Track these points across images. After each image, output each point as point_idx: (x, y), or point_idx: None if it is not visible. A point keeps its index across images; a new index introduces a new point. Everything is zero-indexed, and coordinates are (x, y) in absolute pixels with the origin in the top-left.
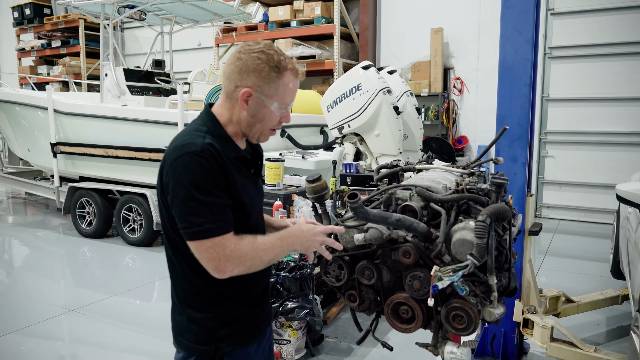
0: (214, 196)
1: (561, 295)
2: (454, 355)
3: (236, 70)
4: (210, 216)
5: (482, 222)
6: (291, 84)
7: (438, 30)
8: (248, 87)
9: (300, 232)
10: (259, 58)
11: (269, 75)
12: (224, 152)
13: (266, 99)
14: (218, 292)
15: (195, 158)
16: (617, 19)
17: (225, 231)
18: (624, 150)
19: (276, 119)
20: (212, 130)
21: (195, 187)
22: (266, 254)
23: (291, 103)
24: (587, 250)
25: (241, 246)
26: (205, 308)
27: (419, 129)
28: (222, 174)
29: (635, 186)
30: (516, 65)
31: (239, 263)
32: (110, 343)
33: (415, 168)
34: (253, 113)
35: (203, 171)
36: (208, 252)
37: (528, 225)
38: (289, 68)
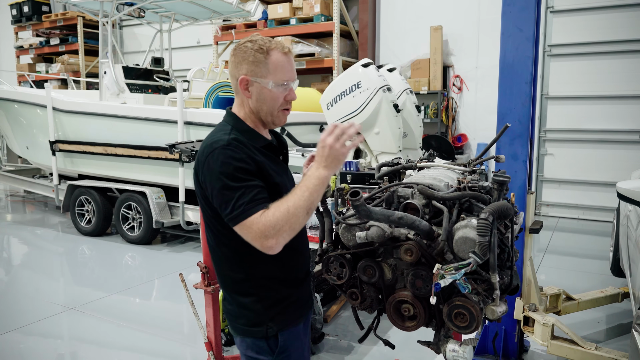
0: (245, 180)
1: (561, 293)
2: (456, 353)
3: (233, 66)
4: (244, 198)
5: (485, 220)
6: (281, 61)
7: (437, 28)
8: (243, 75)
9: (317, 163)
10: (245, 46)
11: (256, 58)
12: (250, 143)
13: (261, 80)
14: (262, 275)
15: (223, 151)
16: (616, 17)
17: (256, 210)
18: (623, 148)
19: (280, 97)
20: (236, 126)
21: (227, 176)
22: (298, 207)
23: (290, 80)
24: (587, 248)
25: (269, 217)
26: (252, 292)
27: (418, 126)
28: (251, 161)
29: (635, 184)
30: (517, 63)
31: (276, 232)
32: (109, 341)
33: (416, 166)
34: (257, 97)
35: (232, 161)
36: (248, 233)
37: (529, 223)
38: (274, 47)
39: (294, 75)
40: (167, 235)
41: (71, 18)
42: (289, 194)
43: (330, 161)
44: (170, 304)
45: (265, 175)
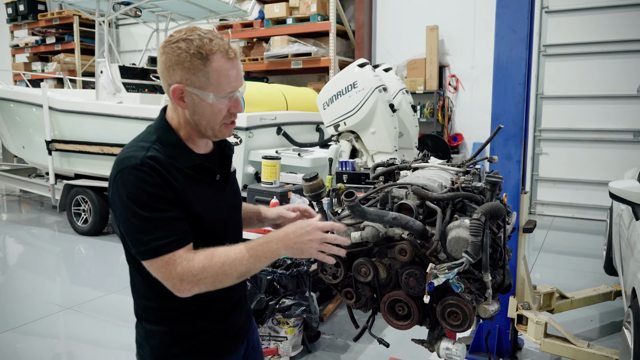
0: (159, 211)
1: (555, 291)
2: (449, 351)
3: (163, 67)
4: (156, 233)
5: (477, 220)
6: (225, 68)
7: (433, 28)
8: (177, 83)
9: (284, 235)
10: (179, 48)
11: (192, 64)
12: (173, 162)
13: (199, 92)
14: (174, 307)
15: (134, 172)
16: (611, 17)
17: (175, 247)
18: (617, 147)
19: (222, 111)
20: (161, 138)
21: (137, 203)
22: (233, 268)
23: (235, 89)
24: (581, 246)
25: (195, 262)
26: (160, 322)
27: (414, 126)
28: (167, 187)
29: (627, 184)
30: (511, 64)
31: (196, 281)
32: (106, 340)
33: (411, 166)
34: (194, 110)
35: (144, 185)
36: (160, 271)
37: (522, 222)
38: (216, 51)
39: (240, 82)
40: None
41: (67, 17)
42: (233, 248)
43: (296, 247)
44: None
45: (185, 203)
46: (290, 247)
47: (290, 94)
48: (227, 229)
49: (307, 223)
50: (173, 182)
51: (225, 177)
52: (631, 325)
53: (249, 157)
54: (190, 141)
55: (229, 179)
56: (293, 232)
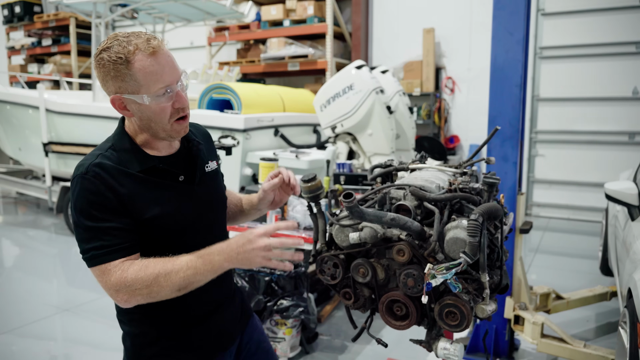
0: (100, 220)
1: (551, 292)
2: (447, 351)
3: (99, 81)
4: (95, 242)
5: (475, 221)
6: (150, 66)
7: (430, 30)
8: (114, 94)
9: (227, 247)
10: (102, 59)
11: (117, 71)
12: (123, 167)
13: (135, 97)
14: (144, 310)
15: (80, 181)
16: (606, 20)
17: (112, 258)
18: (612, 149)
19: (165, 109)
20: (116, 144)
21: (81, 212)
22: (168, 280)
23: (171, 83)
24: (577, 247)
25: (129, 273)
26: (132, 323)
27: (411, 128)
28: (111, 194)
29: (623, 185)
30: (507, 66)
31: (130, 292)
32: (103, 342)
33: (408, 167)
34: (139, 115)
35: (87, 194)
36: (99, 280)
37: (519, 223)
38: (134, 50)
39: (176, 74)
40: None
41: (63, 19)
42: (172, 260)
43: (240, 258)
44: None
45: (134, 209)
46: (233, 258)
47: (288, 95)
48: (197, 232)
49: (249, 232)
50: (119, 188)
51: (191, 177)
52: (627, 325)
53: (246, 159)
54: (148, 145)
55: (198, 179)
56: (235, 242)
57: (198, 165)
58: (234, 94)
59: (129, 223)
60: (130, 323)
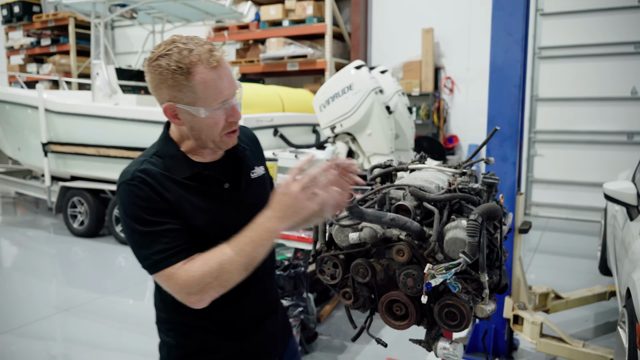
0: (155, 224)
1: (550, 292)
2: (446, 350)
3: (151, 87)
4: (156, 247)
5: (474, 221)
6: (211, 79)
7: (429, 30)
8: (167, 102)
9: (270, 211)
10: (159, 66)
11: (175, 81)
12: (169, 173)
13: (190, 108)
14: (182, 320)
15: (127, 188)
16: (605, 20)
17: (175, 260)
18: (611, 148)
19: (219, 123)
20: (161, 151)
21: (133, 219)
22: (234, 263)
23: (228, 97)
24: (576, 247)
25: (194, 271)
26: (169, 334)
27: (410, 128)
28: (160, 200)
29: (622, 185)
30: (506, 67)
31: (202, 289)
32: (103, 342)
33: (408, 168)
34: (190, 126)
35: (136, 200)
36: (167, 285)
37: (518, 223)
38: (197, 62)
39: (233, 88)
40: None
41: (62, 18)
42: (228, 244)
43: (289, 213)
44: None
45: (181, 216)
46: (283, 216)
47: (287, 95)
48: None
49: (281, 186)
50: (165, 194)
51: (237, 184)
52: (626, 325)
53: None
54: (192, 152)
55: (244, 186)
56: (275, 204)
57: (243, 171)
58: None
59: (183, 224)
60: (168, 333)
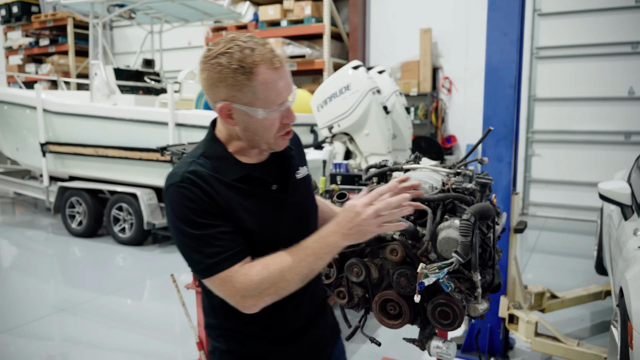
0: (207, 227)
1: (546, 291)
2: (440, 349)
3: (205, 85)
4: (209, 250)
5: (467, 221)
6: (272, 80)
7: (427, 30)
8: (223, 101)
9: (337, 225)
10: (219, 64)
11: (236, 80)
12: (218, 175)
13: (248, 108)
14: (231, 326)
15: (177, 190)
16: (602, 20)
17: (230, 263)
18: (608, 148)
19: (274, 124)
20: (207, 151)
21: (184, 222)
22: (293, 272)
23: (285, 100)
24: (573, 247)
25: (253, 275)
26: (219, 339)
27: (408, 128)
28: (211, 202)
29: (616, 185)
30: (501, 67)
31: (259, 294)
32: (100, 342)
33: (402, 168)
34: (244, 127)
35: (187, 202)
36: (220, 289)
37: (513, 223)
38: (259, 62)
39: (290, 90)
40: (159, 236)
41: (61, 19)
42: (289, 252)
43: (354, 232)
44: (162, 305)
45: (233, 218)
46: (347, 234)
47: None
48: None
49: (353, 205)
50: (216, 196)
51: (284, 186)
52: (618, 324)
53: None
54: (240, 153)
55: (290, 187)
56: (344, 218)
57: (290, 172)
58: None
59: (234, 227)
60: (218, 339)
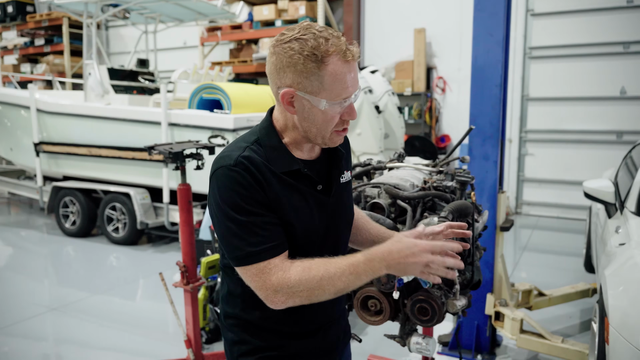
0: (254, 214)
1: (533, 289)
2: (419, 345)
3: (273, 68)
4: (252, 238)
5: (444, 218)
6: (341, 72)
7: (421, 30)
8: (288, 87)
9: (388, 254)
10: (291, 49)
11: (305, 67)
12: (270, 165)
13: (311, 97)
14: (249, 318)
15: (228, 173)
16: (594, 20)
17: (271, 255)
18: (600, 148)
19: (334, 118)
20: (262, 139)
21: (231, 206)
22: (331, 283)
23: (351, 95)
24: (564, 245)
25: (292, 273)
26: (235, 330)
27: (400, 127)
28: (260, 190)
29: (600, 183)
30: (487, 67)
31: (291, 293)
32: (90, 341)
33: (386, 166)
34: (303, 116)
35: (237, 187)
36: (254, 280)
37: (499, 221)
38: (332, 52)
39: (356, 86)
40: (152, 235)
41: (56, 18)
42: (333, 263)
43: (400, 267)
44: (154, 304)
45: (278, 210)
46: (392, 266)
47: None
48: (323, 245)
49: (414, 243)
50: (266, 186)
51: (329, 187)
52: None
53: None
54: (293, 145)
55: (334, 190)
56: (397, 250)
57: (336, 174)
58: (223, 94)
59: (278, 219)
60: (233, 329)
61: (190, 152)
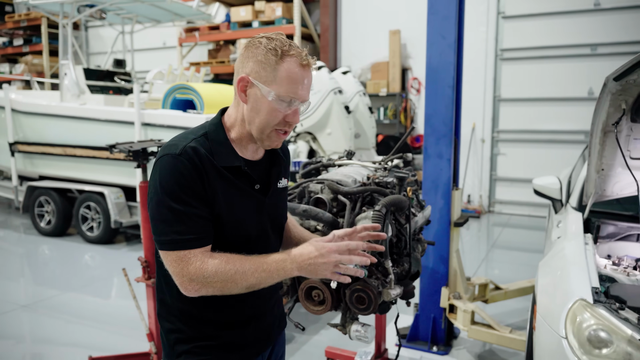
0: (188, 205)
1: (489, 282)
2: (359, 333)
3: (239, 59)
4: (179, 226)
5: (378, 212)
6: (294, 73)
7: (396, 32)
8: (245, 74)
9: (299, 255)
10: (259, 42)
11: (266, 58)
12: (212, 158)
13: (262, 86)
14: (189, 310)
15: (172, 161)
16: (563, 23)
17: (192, 245)
18: (570, 147)
19: (278, 114)
20: (210, 134)
21: (168, 193)
22: (244, 278)
23: (298, 98)
24: (532, 242)
25: (208, 265)
26: (172, 319)
27: (371, 127)
28: (199, 182)
29: (547, 180)
30: (440, 69)
31: (205, 284)
32: (57, 337)
33: (335, 164)
34: (252, 105)
35: (178, 176)
36: (173, 265)
37: (454, 217)
38: (292, 54)
39: (306, 95)
40: (128, 234)
41: (35, 18)
42: (249, 260)
43: (310, 269)
44: (125, 301)
45: (212, 203)
46: (303, 268)
47: None
48: (257, 244)
49: (322, 245)
50: (206, 178)
51: (266, 188)
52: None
53: None
54: (239, 142)
55: (271, 191)
56: (307, 252)
57: (274, 178)
58: (196, 94)
59: (210, 214)
60: (168, 318)
61: (152, 150)
